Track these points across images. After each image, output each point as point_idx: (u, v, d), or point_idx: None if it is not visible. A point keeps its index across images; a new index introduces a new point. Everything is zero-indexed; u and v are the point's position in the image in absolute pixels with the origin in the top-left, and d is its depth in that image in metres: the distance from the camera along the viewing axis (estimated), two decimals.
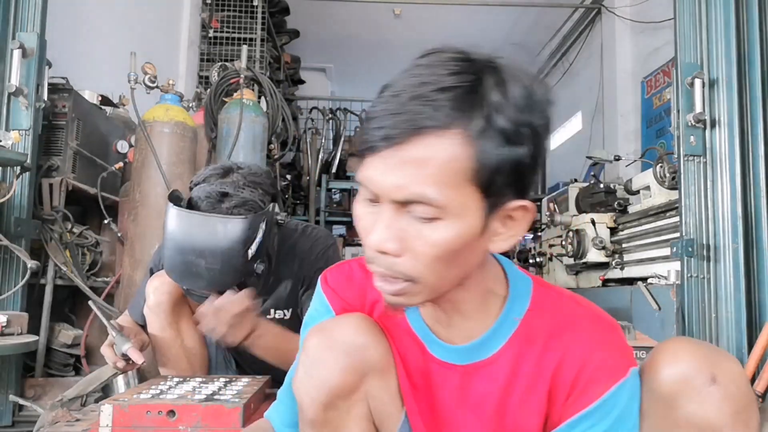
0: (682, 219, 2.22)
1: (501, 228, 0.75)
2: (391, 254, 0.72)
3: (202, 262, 1.36)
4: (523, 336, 0.84)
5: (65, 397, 1.53)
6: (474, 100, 0.68)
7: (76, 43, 3.34)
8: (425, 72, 0.69)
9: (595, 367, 0.80)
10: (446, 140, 0.67)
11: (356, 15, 7.93)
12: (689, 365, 0.82)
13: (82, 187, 2.63)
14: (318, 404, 0.87)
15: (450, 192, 0.68)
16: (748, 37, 2.19)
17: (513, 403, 0.85)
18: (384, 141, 0.68)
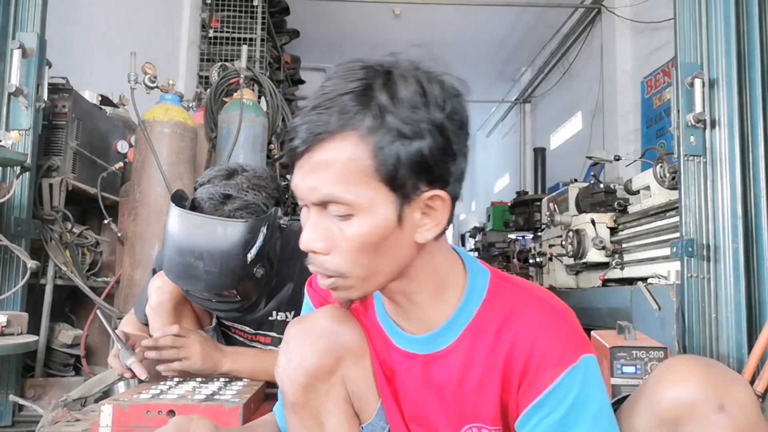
0: (682, 219, 2.22)
1: (423, 219, 0.79)
2: (320, 253, 0.79)
3: (200, 265, 1.35)
4: (478, 326, 0.87)
5: (69, 398, 1.53)
6: (363, 102, 0.74)
7: (76, 43, 3.34)
8: (328, 84, 0.77)
9: (542, 354, 0.81)
10: (343, 143, 0.74)
11: (356, 15, 7.94)
12: (696, 390, 0.78)
13: (82, 187, 2.63)
14: (298, 386, 0.92)
15: (356, 189, 0.74)
16: (748, 37, 2.19)
17: (469, 391, 0.88)
18: (295, 150, 0.76)
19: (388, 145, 0.73)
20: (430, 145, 0.75)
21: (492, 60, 9.51)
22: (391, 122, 0.73)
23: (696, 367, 0.81)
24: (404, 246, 0.80)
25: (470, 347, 0.87)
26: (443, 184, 0.78)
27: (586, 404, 0.80)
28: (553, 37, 7.94)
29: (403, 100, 0.74)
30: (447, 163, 0.77)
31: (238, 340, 1.73)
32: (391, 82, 0.76)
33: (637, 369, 1.78)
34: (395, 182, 0.75)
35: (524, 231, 6.42)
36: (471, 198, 14.44)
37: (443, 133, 0.76)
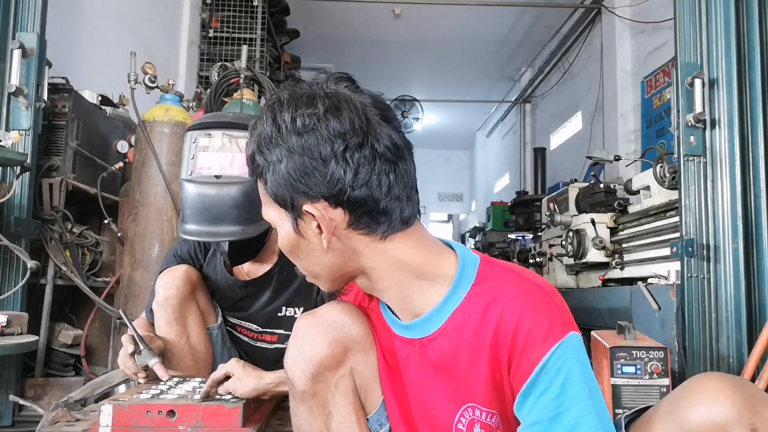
0: (682, 219, 2.22)
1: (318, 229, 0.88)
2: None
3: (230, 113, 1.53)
4: (467, 308, 0.90)
5: (71, 399, 1.52)
6: (252, 143, 0.91)
7: (76, 43, 3.34)
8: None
9: (528, 331, 0.83)
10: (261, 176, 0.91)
11: (356, 15, 7.94)
12: (728, 410, 0.76)
13: (82, 187, 2.64)
14: (308, 376, 0.96)
15: (267, 209, 0.93)
16: (748, 37, 2.19)
17: (462, 371, 0.91)
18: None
19: (267, 175, 0.88)
20: (285, 167, 0.85)
21: (492, 60, 9.50)
22: (262, 157, 0.88)
23: (728, 386, 0.78)
24: (318, 253, 0.90)
25: (458, 328, 0.90)
26: (316, 198, 0.86)
27: (579, 382, 0.81)
28: (553, 37, 7.93)
29: (263, 137, 0.87)
30: (310, 179, 0.85)
31: (243, 339, 1.73)
32: (259, 122, 0.89)
33: (637, 369, 1.78)
34: (281, 202, 0.89)
35: (524, 231, 6.41)
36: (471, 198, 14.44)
37: (296, 152, 0.85)
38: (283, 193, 0.87)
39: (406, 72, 9.88)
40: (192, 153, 1.50)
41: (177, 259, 1.68)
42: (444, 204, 14.74)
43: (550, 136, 8.56)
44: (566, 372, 0.80)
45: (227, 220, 1.46)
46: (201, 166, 1.49)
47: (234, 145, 1.49)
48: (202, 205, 1.47)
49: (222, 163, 1.48)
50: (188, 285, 1.58)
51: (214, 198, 1.46)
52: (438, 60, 9.40)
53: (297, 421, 1.02)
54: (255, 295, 1.66)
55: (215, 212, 1.46)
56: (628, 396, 1.76)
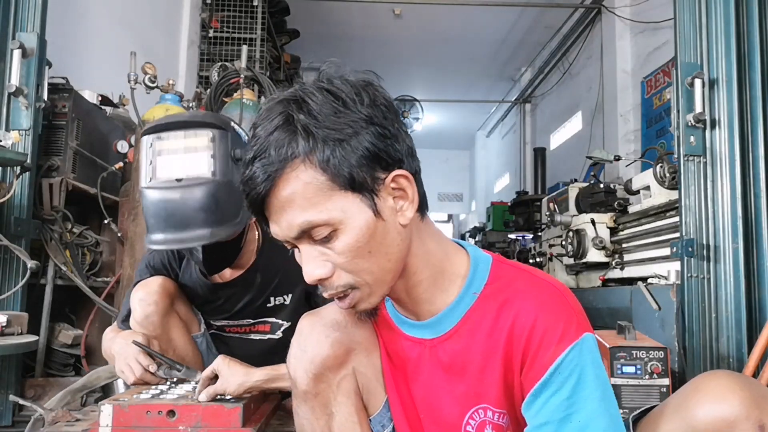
0: (682, 219, 2.22)
1: (397, 202, 0.83)
2: (326, 277, 0.82)
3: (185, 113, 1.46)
4: (481, 308, 0.89)
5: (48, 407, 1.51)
6: (290, 131, 0.78)
7: (76, 43, 3.34)
8: (254, 134, 0.81)
9: (543, 332, 0.82)
10: (293, 173, 0.77)
11: (356, 15, 7.94)
12: (737, 407, 0.76)
13: (82, 187, 2.63)
14: (311, 375, 0.95)
15: (325, 206, 0.78)
16: (748, 37, 2.19)
17: (474, 372, 0.90)
18: (256, 201, 0.80)
19: (331, 155, 0.77)
20: (368, 138, 0.78)
21: (492, 60, 9.50)
22: (321, 135, 0.77)
23: (735, 384, 0.79)
24: (394, 235, 0.83)
25: (473, 329, 0.89)
26: (399, 164, 0.82)
27: (592, 383, 0.80)
28: (553, 37, 7.93)
29: (321, 111, 0.78)
30: (391, 145, 0.81)
31: (234, 337, 1.72)
32: (303, 102, 0.79)
33: (637, 369, 1.78)
34: (355, 184, 0.78)
35: (524, 231, 6.41)
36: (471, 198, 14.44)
37: (373, 121, 0.79)
38: (360, 169, 0.78)
39: (406, 72, 9.88)
40: (149, 158, 1.40)
41: (150, 270, 1.63)
42: (444, 204, 14.74)
43: (550, 136, 8.56)
44: (579, 373, 0.80)
45: (195, 224, 1.37)
46: (160, 170, 1.39)
47: (193, 145, 1.39)
48: (166, 211, 1.38)
49: (182, 165, 1.38)
50: (166, 298, 1.54)
51: (179, 202, 1.37)
52: (438, 60, 9.40)
53: (299, 420, 1.02)
54: (239, 294, 1.63)
55: (181, 217, 1.37)
56: (628, 396, 1.77)
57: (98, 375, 1.81)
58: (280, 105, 0.80)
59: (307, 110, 0.78)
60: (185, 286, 1.65)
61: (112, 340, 1.54)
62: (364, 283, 0.83)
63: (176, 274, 1.65)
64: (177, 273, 1.66)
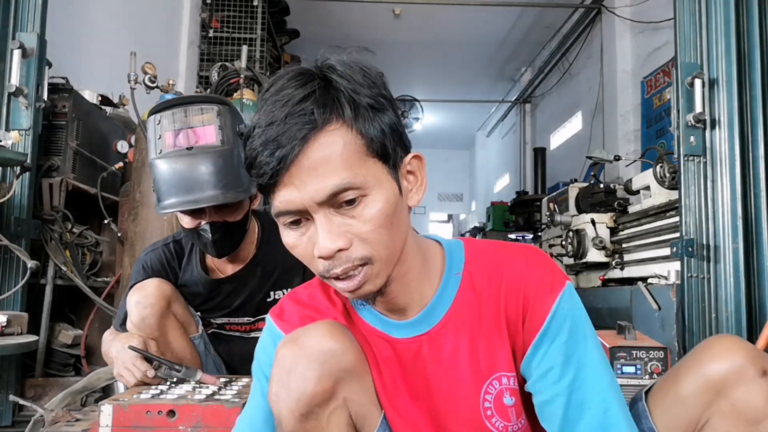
0: (682, 219, 2.22)
1: (409, 183, 0.85)
2: (345, 248, 0.78)
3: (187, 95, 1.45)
4: (469, 285, 0.91)
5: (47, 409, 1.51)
6: (332, 94, 0.78)
7: (76, 43, 3.34)
8: (279, 98, 0.78)
9: (536, 286, 0.87)
10: (332, 135, 0.76)
11: (356, 15, 7.94)
12: (742, 358, 0.88)
13: (82, 187, 2.63)
14: (297, 416, 0.87)
15: (360, 170, 0.77)
16: (748, 37, 2.19)
17: (481, 345, 0.90)
18: (282, 162, 0.76)
19: (371, 123, 0.78)
20: (393, 115, 0.81)
21: (492, 60, 9.50)
22: (364, 102, 0.78)
23: (739, 342, 0.93)
24: (405, 215, 0.85)
25: (468, 305, 0.91)
26: (409, 147, 0.85)
27: (582, 324, 0.88)
28: (553, 38, 7.93)
29: (360, 82, 0.79)
30: (404, 129, 0.83)
31: (235, 336, 1.72)
32: (341, 71, 0.79)
33: (637, 369, 1.78)
34: (387, 154, 0.79)
35: (524, 231, 6.42)
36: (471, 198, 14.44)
37: (393, 104, 0.82)
38: (391, 144, 0.80)
39: (406, 72, 9.88)
40: (158, 134, 1.45)
41: (147, 271, 1.63)
42: (444, 204, 14.74)
43: (550, 136, 8.56)
44: (572, 316, 0.86)
45: (207, 186, 1.41)
46: (169, 143, 1.44)
47: (201, 119, 1.45)
48: (179, 177, 1.42)
49: (192, 136, 1.44)
50: (163, 300, 1.54)
51: (191, 167, 1.42)
52: (438, 60, 9.40)
53: None
54: (239, 289, 1.64)
55: (193, 181, 1.41)
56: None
57: (98, 376, 1.81)
58: (307, 73, 0.80)
59: (348, 79, 0.79)
60: (185, 285, 1.65)
61: (110, 344, 1.54)
62: (379, 258, 0.80)
63: (176, 273, 1.65)
64: (177, 272, 1.66)
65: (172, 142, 1.44)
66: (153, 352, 1.48)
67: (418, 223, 11.93)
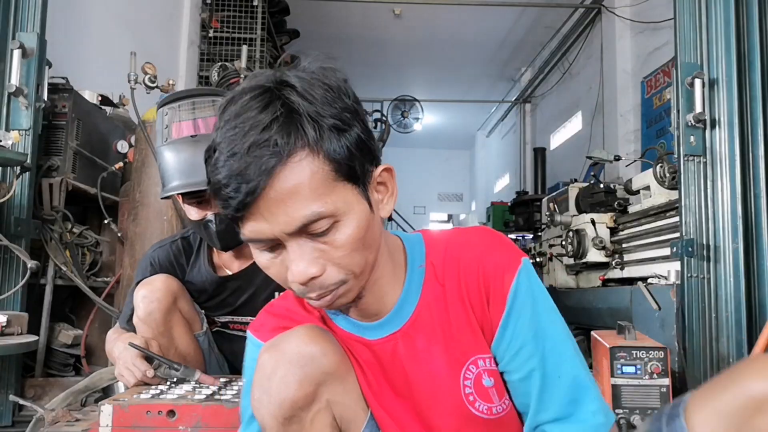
0: (682, 219, 2.22)
1: (380, 195, 0.85)
2: (318, 275, 0.78)
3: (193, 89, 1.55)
4: (432, 276, 0.93)
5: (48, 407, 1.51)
6: (294, 119, 0.74)
7: (76, 43, 3.34)
8: (240, 122, 0.74)
9: (493, 268, 0.89)
10: (300, 163, 0.73)
11: (356, 15, 7.94)
12: None
13: (82, 187, 2.64)
14: (280, 421, 0.87)
15: (329, 198, 0.75)
16: (748, 37, 2.19)
17: (452, 333, 0.92)
18: (250, 196, 0.73)
19: (337, 144, 0.75)
20: (360, 129, 0.78)
21: (492, 60, 9.50)
22: (328, 123, 0.75)
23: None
24: (378, 229, 0.84)
25: (435, 297, 0.92)
26: (379, 159, 0.84)
27: (543, 298, 0.90)
28: (553, 38, 7.93)
29: (321, 100, 0.75)
30: (372, 140, 0.82)
31: (238, 335, 1.72)
32: (301, 90, 0.76)
33: (637, 369, 1.78)
34: (354, 175, 0.77)
35: (524, 231, 6.41)
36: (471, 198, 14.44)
37: (358, 115, 0.80)
38: (359, 162, 0.78)
39: (406, 72, 9.88)
40: (165, 124, 1.53)
41: (155, 267, 1.64)
42: (444, 204, 14.73)
43: (550, 136, 8.56)
44: (532, 292, 0.88)
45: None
46: (175, 132, 1.51)
47: (205, 110, 1.52)
48: (183, 162, 1.49)
49: (195, 126, 1.51)
50: (169, 296, 1.55)
51: (194, 152, 1.47)
52: (438, 60, 9.40)
53: None
54: (244, 286, 1.65)
55: (197, 165, 1.40)
56: (628, 396, 1.76)
57: (101, 376, 1.81)
58: (267, 92, 0.75)
59: (308, 98, 0.75)
60: (191, 282, 1.67)
61: (114, 343, 1.55)
62: (353, 277, 0.81)
63: (183, 270, 1.67)
64: (185, 269, 1.68)
65: (178, 131, 1.50)
66: (154, 351, 1.48)
67: (418, 223, 11.94)
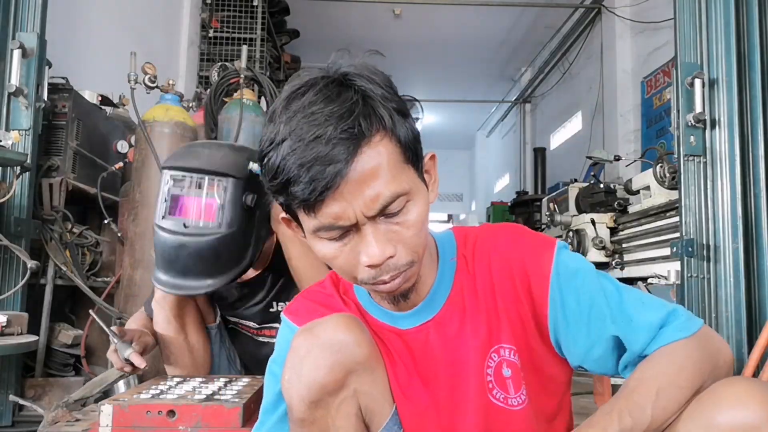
0: (682, 219, 2.22)
1: (429, 182, 0.88)
2: (393, 255, 0.81)
3: (205, 150, 1.47)
4: (464, 268, 0.96)
5: (70, 399, 1.52)
6: (368, 104, 0.78)
7: (76, 43, 3.34)
8: (313, 112, 0.76)
9: (530, 253, 0.92)
10: (378, 145, 0.77)
11: (356, 15, 7.94)
12: (758, 412, 0.73)
13: (82, 187, 2.63)
14: (306, 403, 0.89)
15: (403, 178, 0.79)
16: (748, 37, 2.19)
17: (482, 320, 0.93)
18: (337, 177, 0.75)
19: (404, 130, 0.80)
20: (412, 118, 0.84)
21: (492, 60, 9.50)
22: (395, 108, 0.79)
23: (756, 390, 0.75)
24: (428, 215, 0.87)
25: (466, 288, 0.94)
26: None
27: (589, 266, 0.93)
28: (553, 38, 7.93)
29: (386, 88, 0.80)
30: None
31: (246, 335, 1.74)
32: (369, 77, 0.80)
33: None
34: (417, 158, 0.82)
35: None
36: (471, 198, 14.45)
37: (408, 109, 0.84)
38: (416, 147, 0.83)
39: (406, 72, 9.88)
40: (164, 196, 1.46)
41: None
42: (444, 204, 14.75)
43: (550, 136, 8.56)
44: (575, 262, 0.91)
45: (195, 274, 1.43)
46: (172, 210, 1.46)
47: (205, 194, 1.45)
48: (171, 256, 1.44)
49: (193, 210, 1.45)
50: None
51: (183, 250, 1.42)
52: (438, 60, 9.40)
53: None
54: (250, 295, 1.66)
55: (183, 265, 1.43)
56: None
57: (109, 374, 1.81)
58: (334, 82, 0.78)
59: (376, 84, 0.79)
60: None
61: None
62: (419, 259, 0.85)
63: None
64: None
65: (174, 209, 1.45)
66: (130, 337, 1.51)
67: None
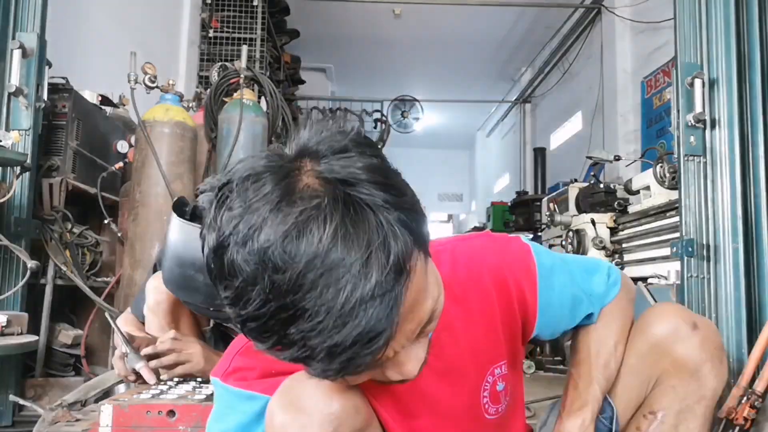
0: (682, 219, 2.22)
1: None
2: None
3: (200, 277, 1.30)
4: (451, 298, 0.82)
5: (65, 401, 1.52)
6: (393, 231, 0.63)
7: (76, 43, 3.34)
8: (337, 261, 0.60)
9: (510, 262, 0.95)
10: (413, 272, 0.64)
11: (356, 15, 7.94)
12: (676, 319, 1.05)
13: (82, 187, 2.63)
14: None
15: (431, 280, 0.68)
16: (748, 37, 2.19)
17: (476, 347, 0.93)
18: (384, 346, 0.63)
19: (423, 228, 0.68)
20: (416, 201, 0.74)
21: (492, 60, 9.50)
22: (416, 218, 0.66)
23: (673, 306, 1.13)
24: None
25: (454, 319, 0.91)
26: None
27: (563, 258, 1.04)
28: (553, 37, 7.93)
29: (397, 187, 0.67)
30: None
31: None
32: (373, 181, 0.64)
33: None
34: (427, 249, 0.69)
35: (524, 231, 6.41)
36: (471, 198, 14.44)
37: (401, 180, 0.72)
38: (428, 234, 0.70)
39: (406, 72, 9.88)
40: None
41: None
42: (444, 204, 14.74)
43: (550, 136, 8.56)
44: (549, 258, 1.00)
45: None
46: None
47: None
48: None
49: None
50: None
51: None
52: (438, 60, 9.40)
53: None
54: None
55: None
56: None
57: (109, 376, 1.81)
58: (338, 202, 0.61)
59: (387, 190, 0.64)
60: None
61: None
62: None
63: None
64: None
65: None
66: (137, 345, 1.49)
67: None
